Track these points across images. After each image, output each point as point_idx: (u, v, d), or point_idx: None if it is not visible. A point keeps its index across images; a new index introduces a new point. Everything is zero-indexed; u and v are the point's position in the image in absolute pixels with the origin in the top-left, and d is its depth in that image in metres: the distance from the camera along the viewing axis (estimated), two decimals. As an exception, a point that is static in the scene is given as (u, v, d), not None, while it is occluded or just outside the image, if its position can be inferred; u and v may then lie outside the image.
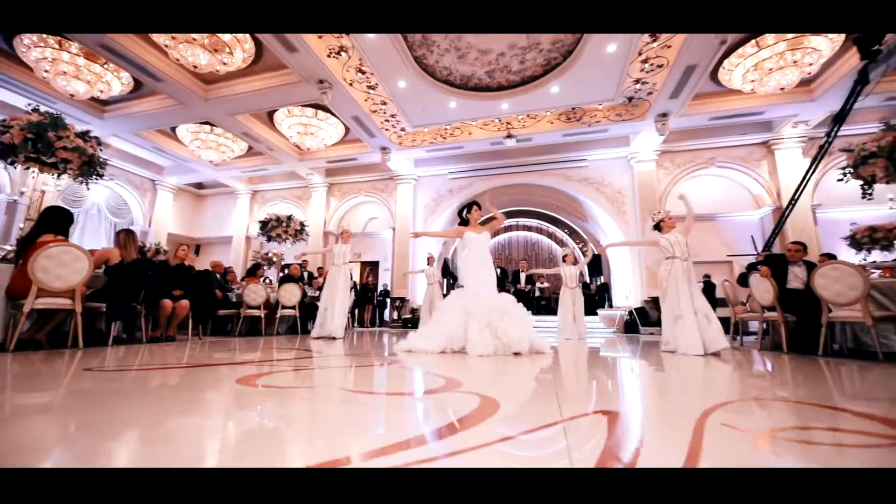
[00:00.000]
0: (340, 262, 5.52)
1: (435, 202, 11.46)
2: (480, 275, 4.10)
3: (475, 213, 4.45)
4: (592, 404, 1.68)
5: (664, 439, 1.14)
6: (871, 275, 3.61)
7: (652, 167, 10.02)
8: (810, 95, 8.02)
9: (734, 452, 1.03)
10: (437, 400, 1.68)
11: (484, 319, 3.67)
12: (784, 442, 1.13)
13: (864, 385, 2.25)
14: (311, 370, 2.57)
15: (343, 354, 3.63)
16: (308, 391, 1.88)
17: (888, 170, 4.32)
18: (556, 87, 8.10)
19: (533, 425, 1.24)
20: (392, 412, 1.51)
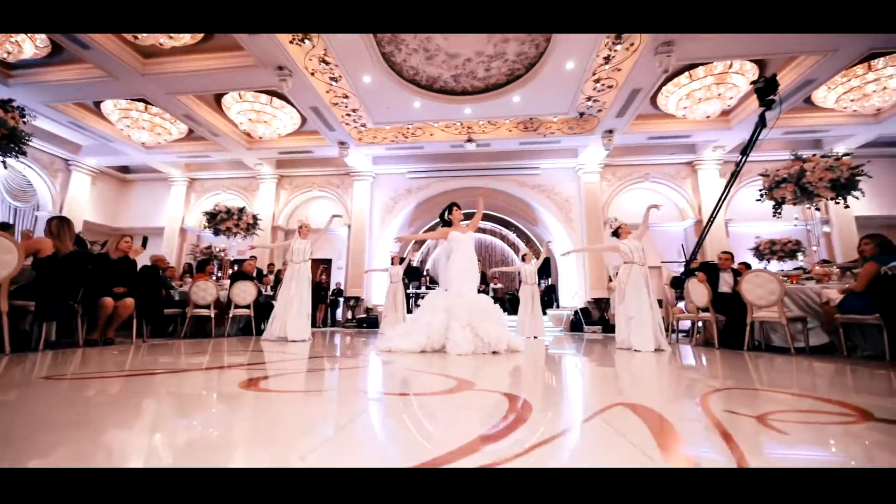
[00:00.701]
0: (300, 260, 5.28)
1: (393, 201, 11.36)
2: (464, 274, 4.15)
3: (456, 213, 4.49)
4: (612, 397, 1.86)
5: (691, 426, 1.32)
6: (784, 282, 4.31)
7: (596, 178, 10.85)
8: (728, 124, 9.23)
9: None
10: (466, 400, 1.74)
11: (465, 319, 3.73)
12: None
13: (787, 372, 2.70)
14: (316, 372, 2.50)
15: (326, 356, 3.53)
16: (331, 394, 1.84)
17: (796, 193, 5.20)
18: (518, 97, 8.47)
19: (571, 419, 1.37)
20: (431, 413, 1.55)
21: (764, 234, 9.51)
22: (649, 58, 6.74)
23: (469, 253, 4.29)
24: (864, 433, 1.21)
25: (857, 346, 3.68)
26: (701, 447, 1.07)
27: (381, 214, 11.35)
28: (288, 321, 4.82)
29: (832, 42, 6.29)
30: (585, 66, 7.45)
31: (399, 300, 7.21)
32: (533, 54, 7.46)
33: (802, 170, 5.08)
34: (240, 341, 4.82)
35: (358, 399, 1.69)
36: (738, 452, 0.97)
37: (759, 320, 4.10)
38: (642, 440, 1.06)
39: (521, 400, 1.58)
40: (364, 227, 11.12)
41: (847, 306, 3.52)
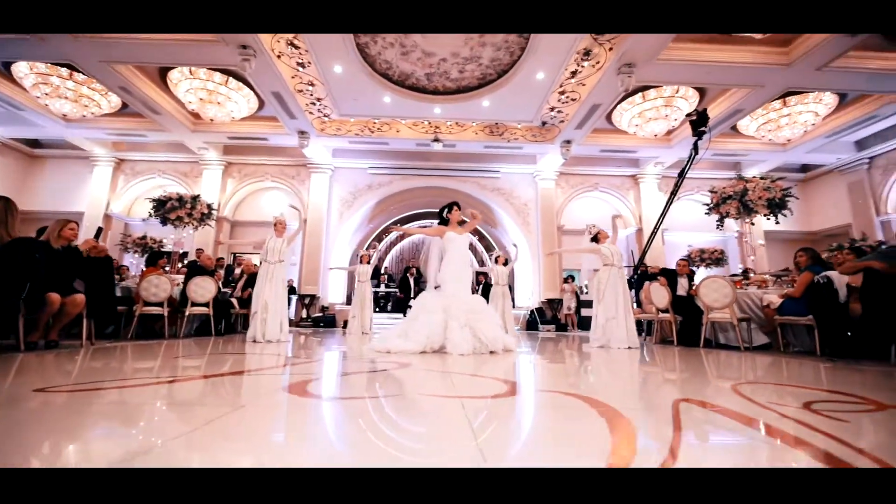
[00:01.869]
0: (275, 260, 4.95)
1: (353, 196, 11.01)
2: (458, 275, 4.14)
3: (455, 213, 4.44)
4: (675, 392, 2.00)
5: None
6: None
7: (552, 185, 11.45)
8: (669, 143, 10.24)
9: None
10: (542, 402, 1.77)
11: (462, 319, 3.75)
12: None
13: (747, 366, 3.11)
14: (358, 375, 2.36)
15: (334, 360, 3.34)
16: (407, 399, 1.77)
17: (739, 210, 5.97)
18: (487, 102, 8.66)
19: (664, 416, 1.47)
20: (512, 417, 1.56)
21: (695, 243, 10.71)
22: (612, 76, 7.26)
23: (463, 254, 4.31)
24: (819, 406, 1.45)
25: (790, 343, 4.32)
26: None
27: (339, 209, 10.94)
28: (269, 323, 4.50)
29: (759, 78, 7.26)
30: (554, 78, 7.83)
31: (367, 300, 7.02)
32: (507, 61, 7.68)
33: (745, 189, 5.87)
34: (198, 343, 4.37)
35: (454, 402, 1.66)
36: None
37: (713, 321, 4.65)
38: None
39: (600, 402, 1.66)
40: (321, 221, 10.65)
41: (785, 309, 4.12)
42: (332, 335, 6.97)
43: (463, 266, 4.22)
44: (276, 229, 5.14)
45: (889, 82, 7.27)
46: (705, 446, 1.09)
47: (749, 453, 1.06)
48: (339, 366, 2.93)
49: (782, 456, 1.02)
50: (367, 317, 6.88)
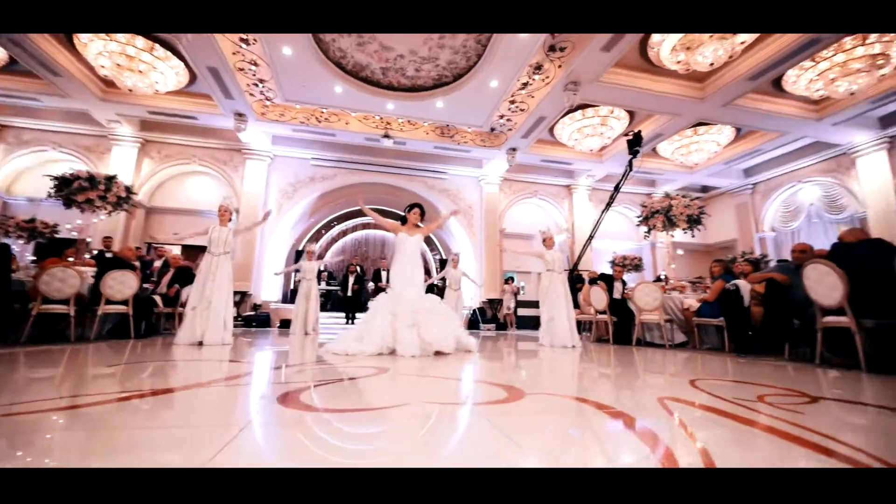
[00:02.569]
0: (219, 252, 4.48)
1: (293, 187, 10.35)
2: (407, 276, 4.14)
3: (413, 214, 4.46)
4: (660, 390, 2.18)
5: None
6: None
7: (496, 189, 11.89)
8: (601, 158, 11.19)
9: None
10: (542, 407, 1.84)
11: (408, 319, 3.72)
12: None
13: (689, 363, 3.56)
14: (354, 380, 2.22)
15: (311, 363, 3.11)
16: (419, 406, 1.71)
17: (664, 223, 6.76)
18: (441, 103, 8.72)
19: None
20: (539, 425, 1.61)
21: (617, 250, 11.86)
22: (559, 92, 7.76)
23: (412, 256, 4.28)
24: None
25: (703, 341, 5.02)
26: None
27: (278, 200, 10.22)
28: (210, 321, 4.04)
29: (679, 108, 8.27)
30: (506, 88, 8.16)
31: (313, 299, 6.65)
32: (463, 66, 7.81)
33: (670, 205, 6.69)
34: (115, 348, 3.81)
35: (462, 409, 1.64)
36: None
37: (643, 322, 5.22)
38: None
39: (605, 405, 1.77)
40: (256, 212, 9.84)
41: (701, 312, 4.77)
42: (268, 336, 6.49)
43: (413, 267, 4.22)
44: (221, 217, 4.64)
45: (772, 122, 8.75)
46: (707, 436, 1.25)
47: (745, 442, 1.23)
48: (311, 375, 2.76)
49: (779, 448, 1.21)
50: (312, 317, 6.52)
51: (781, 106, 8.37)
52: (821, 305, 3.06)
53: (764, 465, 1.06)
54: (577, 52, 6.87)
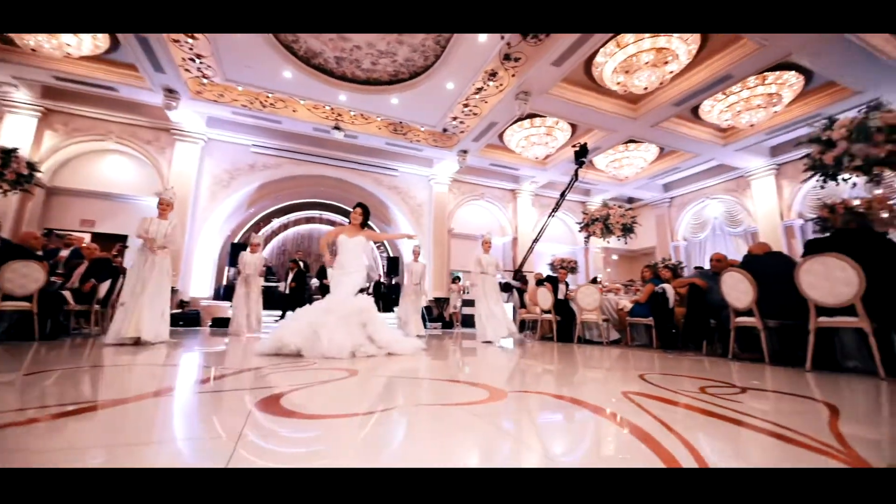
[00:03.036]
0: (157, 246, 4.04)
1: (230, 175, 9.56)
2: (342, 279, 4.06)
3: (355, 214, 4.34)
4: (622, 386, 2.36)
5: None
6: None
7: (445, 190, 12.05)
8: (545, 166, 11.85)
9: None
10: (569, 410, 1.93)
11: (333, 322, 3.54)
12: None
13: (593, 355, 3.95)
14: (335, 382, 2.10)
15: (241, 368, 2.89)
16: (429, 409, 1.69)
17: (602, 230, 7.37)
18: (396, 100, 8.64)
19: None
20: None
21: (556, 253, 12.64)
22: (511, 100, 8.09)
23: (350, 258, 4.17)
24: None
25: (634, 338, 5.57)
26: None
27: (211, 188, 9.38)
28: (144, 318, 3.61)
29: (615, 125, 9.05)
30: (462, 91, 8.31)
31: (254, 296, 6.21)
32: (420, 64, 7.81)
33: (608, 214, 7.32)
34: (14, 353, 3.29)
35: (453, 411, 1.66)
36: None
37: (584, 321, 5.66)
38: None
39: (581, 401, 1.91)
40: (186, 200, 8.94)
41: (634, 312, 5.30)
42: (199, 336, 5.96)
43: (347, 271, 4.11)
44: (161, 209, 4.20)
45: (689, 144, 9.92)
46: (681, 427, 1.43)
47: (712, 429, 1.44)
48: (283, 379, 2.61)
49: (739, 434, 1.42)
50: (254, 315, 6.10)
51: (697, 131, 9.53)
52: (734, 308, 3.58)
53: (732, 448, 1.25)
54: (529, 63, 7.21)
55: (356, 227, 4.33)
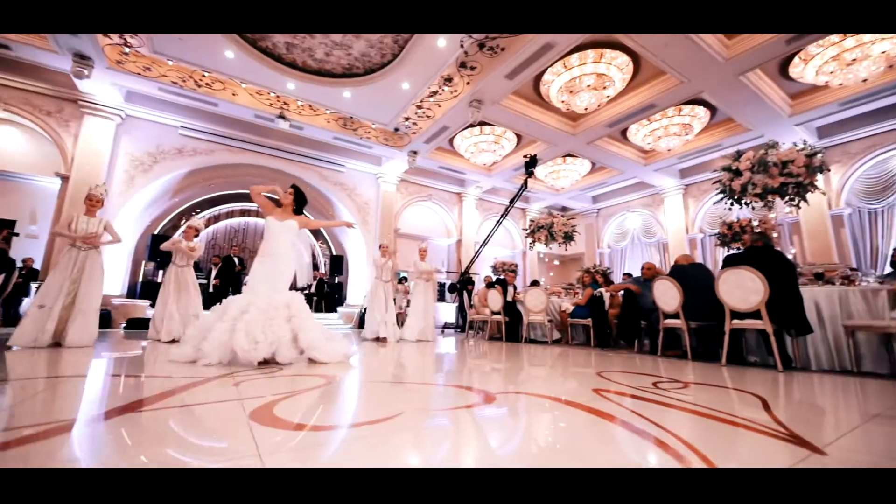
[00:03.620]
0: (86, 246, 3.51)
1: (152, 158, 8.52)
2: (267, 271, 3.49)
3: (287, 196, 3.78)
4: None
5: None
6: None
7: (393, 189, 11.97)
8: (490, 172, 12.31)
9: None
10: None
11: (253, 320, 3.07)
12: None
13: (546, 354, 4.32)
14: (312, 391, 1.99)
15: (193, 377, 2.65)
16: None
17: (547, 237, 7.88)
18: (349, 94, 8.40)
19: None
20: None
21: (498, 256, 13.20)
22: (464, 106, 8.32)
23: (277, 245, 3.58)
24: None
25: (573, 338, 6.08)
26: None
27: (129, 172, 8.29)
28: (73, 323, 3.10)
29: (555, 139, 9.73)
30: (417, 92, 8.35)
31: (181, 291, 5.52)
32: (377, 61, 7.70)
33: (552, 222, 7.86)
34: None
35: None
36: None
37: (531, 321, 6.04)
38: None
39: (555, 398, 2.07)
40: (94, 179, 7.78)
41: (575, 314, 5.79)
42: (111, 339, 5.29)
43: (274, 261, 3.54)
44: (90, 206, 3.71)
45: (616, 162, 10.99)
46: (659, 418, 1.65)
47: (685, 421, 1.69)
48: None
49: (693, 418, 1.68)
50: (191, 315, 5.43)
51: (624, 151, 10.62)
52: (664, 311, 4.12)
53: (707, 435, 1.49)
54: (485, 73, 7.49)
55: (288, 212, 3.77)
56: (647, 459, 1.14)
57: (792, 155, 3.93)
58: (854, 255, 9.04)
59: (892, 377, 2.87)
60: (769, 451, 1.23)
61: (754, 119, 8.57)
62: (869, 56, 6.41)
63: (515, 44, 6.71)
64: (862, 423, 1.60)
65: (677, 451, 1.17)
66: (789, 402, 2.14)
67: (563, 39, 6.41)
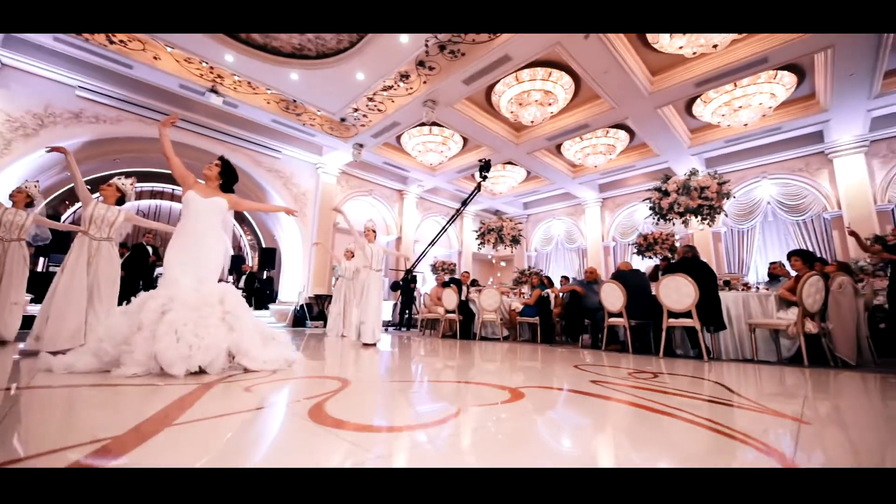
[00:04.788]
0: (12, 238, 2.90)
1: (38, 120, 6.99)
2: (189, 254, 2.88)
3: (212, 169, 3.16)
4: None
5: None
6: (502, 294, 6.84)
7: (333, 181, 11.47)
8: (434, 172, 12.46)
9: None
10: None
11: (179, 319, 2.52)
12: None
13: (515, 351, 4.66)
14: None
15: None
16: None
17: (496, 240, 8.25)
18: (296, 76, 7.87)
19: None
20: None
21: (438, 255, 13.43)
22: (418, 105, 8.36)
23: (203, 225, 2.98)
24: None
25: (520, 334, 6.52)
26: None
27: (3, 134, 6.72)
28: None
29: (499, 146, 10.25)
30: (370, 84, 8.14)
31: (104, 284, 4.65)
32: (332, 46, 7.34)
33: (502, 226, 8.27)
34: None
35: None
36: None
37: (484, 320, 6.34)
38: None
39: (509, 388, 2.27)
40: (-48, 144, 6.21)
41: (524, 313, 6.22)
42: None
43: (198, 241, 2.95)
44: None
45: (549, 172, 11.93)
46: (642, 395, 1.94)
47: (677, 401, 1.99)
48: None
49: (690, 401, 2.01)
50: (104, 314, 4.48)
51: (557, 163, 11.58)
52: (609, 311, 4.68)
53: (713, 414, 1.80)
54: (443, 75, 7.61)
55: (213, 187, 3.16)
56: (737, 457, 1.21)
57: (707, 182, 4.78)
58: (727, 265, 11.07)
59: (778, 363, 3.70)
60: (773, 425, 1.58)
61: (662, 146, 10.00)
62: (750, 105, 7.93)
63: (476, 51, 6.94)
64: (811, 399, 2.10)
65: (734, 436, 1.41)
66: (748, 385, 2.61)
67: (521, 53, 6.82)
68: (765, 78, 7.35)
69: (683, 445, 1.26)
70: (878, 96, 7.30)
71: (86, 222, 3.60)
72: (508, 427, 1.35)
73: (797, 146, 9.56)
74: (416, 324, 9.40)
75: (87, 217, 3.59)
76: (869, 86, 7.01)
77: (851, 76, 6.81)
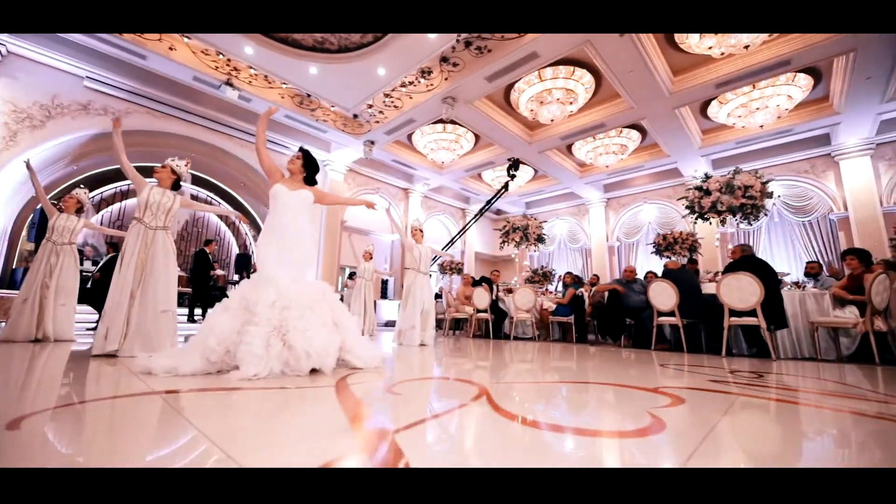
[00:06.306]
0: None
1: (45, 112, 6.61)
2: (283, 252, 2.75)
3: (296, 161, 3.04)
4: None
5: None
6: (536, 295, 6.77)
7: (341, 178, 11.24)
8: (441, 170, 12.35)
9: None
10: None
11: (274, 319, 2.41)
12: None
13: (566, 351, 4.60)
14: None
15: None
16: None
17: (521, 238, 8.20)
18: (315, 70, 7.65)
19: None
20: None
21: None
22: (437, 102, 8.23)
23: (293, 219, 2.86)
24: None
25: (551, 334, 6.47)
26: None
27: (9, 126, 6.31)
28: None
29: (512, 144, 10.19)
30: (391, 80, 7.98)
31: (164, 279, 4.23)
32: (355, 41, 7.16)
33: (527, 224, 8.21)
34: None
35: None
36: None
37: (518, 320, 6.26)
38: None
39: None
40: (-49, 135, 5.80)
41: (557, 312, 6.17)
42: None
43: (291, 237, 2.82)
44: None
45: (557, 172, 11.94)
46: (818, 399, 1.88)
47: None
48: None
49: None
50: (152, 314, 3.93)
51: (566, 162, 11.61)
52: (659, 310, 4.65)
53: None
54: (465, 72, 7.50)
55: (297, 180, 3.03)
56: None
57: (751, 181, 4.82)
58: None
59: (838, 361, 3.73)
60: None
61: (673, 147, 10.10)
62: (766, 107, 8.07)
63: (503, 48, 6.86)
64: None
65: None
66: (883, 386, 2.43)
67: (549, 51, 6.76)
68: (784, 80, 7.48)
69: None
70: (890, 100, 7.51)
71: (141, 209, 3.25)
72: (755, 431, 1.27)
73: (803, 148, 9.79)
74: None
75: (142, 203, 3.25)
76: (883, 90, 7.21)
77: (868, 79, 6.98)
